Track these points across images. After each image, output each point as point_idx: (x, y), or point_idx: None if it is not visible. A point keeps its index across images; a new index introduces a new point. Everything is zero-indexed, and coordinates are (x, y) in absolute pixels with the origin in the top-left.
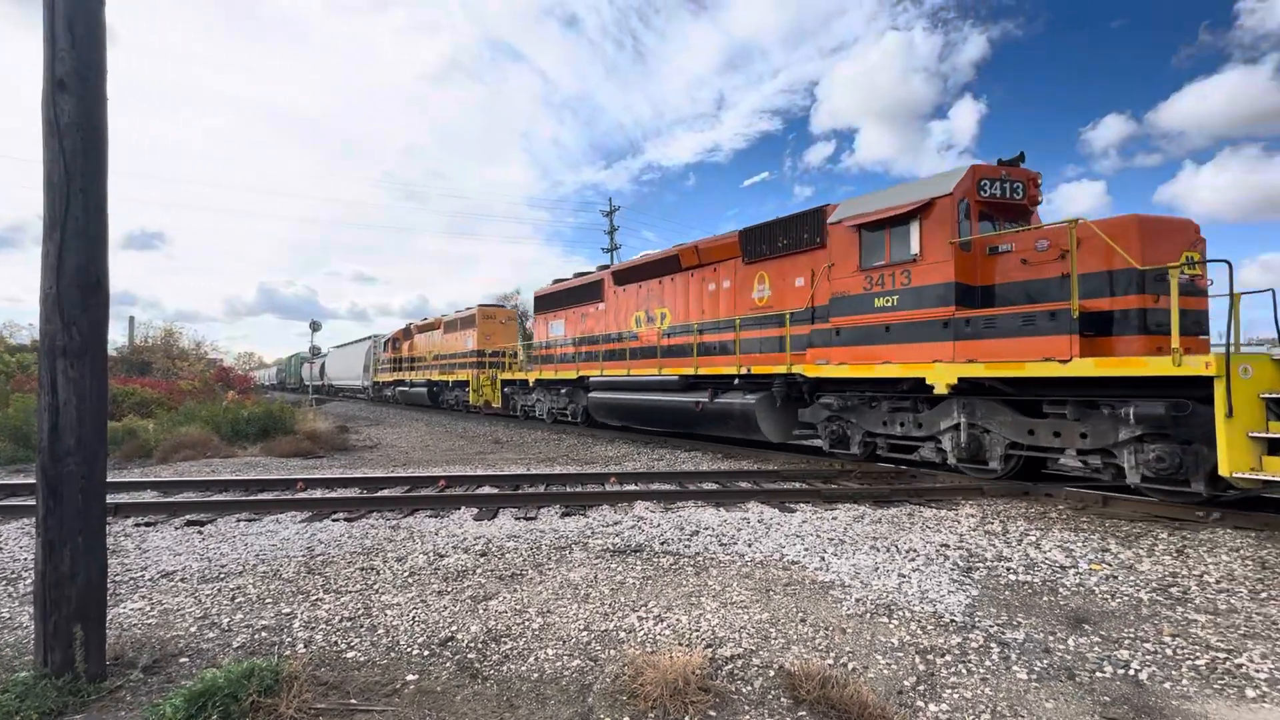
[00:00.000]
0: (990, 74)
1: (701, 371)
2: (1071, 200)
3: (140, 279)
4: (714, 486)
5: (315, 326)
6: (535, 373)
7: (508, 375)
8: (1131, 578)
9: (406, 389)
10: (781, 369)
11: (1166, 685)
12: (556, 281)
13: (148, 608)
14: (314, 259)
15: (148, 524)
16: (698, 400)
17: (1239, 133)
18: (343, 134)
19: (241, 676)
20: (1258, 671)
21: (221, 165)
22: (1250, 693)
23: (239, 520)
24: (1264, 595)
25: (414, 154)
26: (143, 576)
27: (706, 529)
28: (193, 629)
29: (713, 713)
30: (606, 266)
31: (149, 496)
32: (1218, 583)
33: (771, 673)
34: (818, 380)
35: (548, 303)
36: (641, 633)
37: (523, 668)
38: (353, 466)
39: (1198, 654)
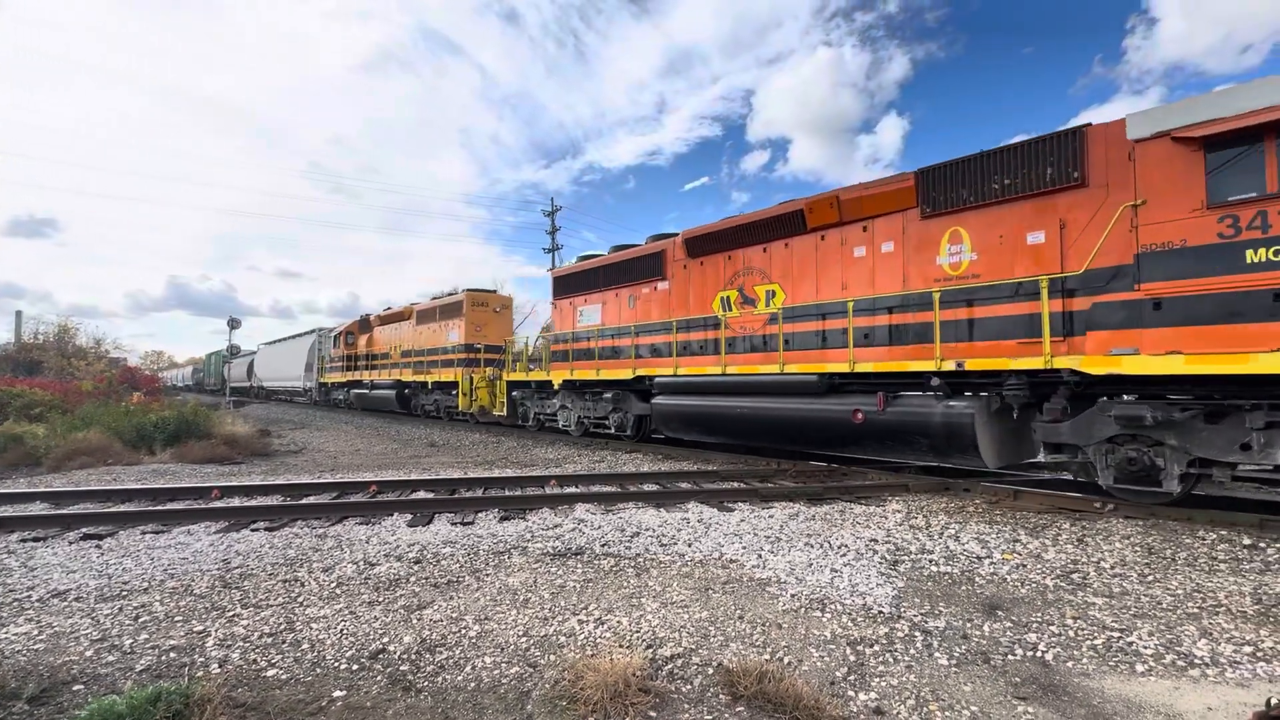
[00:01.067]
0: (913, 92)
1: (866, 368)
2: None
3: (28, 270)
4: (654, 488)
5: (234, 324)
6: (561, 372)
7: (517, 376)
8: (1039, 566)
9: (365, 391)
10: (1031, 362)
11: (1069, 664)
12: (585, 258)
13: (35, 631)
14: (232, 252)
15: (36, 539)
16: (856, 408)
17: None
18: (264, 121)
19: (146, 702)
20: (1146, 648)
21: (127, 150)
22: (1140, 667)
23: (144, 532)
24: (1150, 578)
25: (343, 145)
26: (29, 597)
27: (647, 530)
28: (89, 653)
29: (653, 713)
30: (666, 235)
31: (38, 509)
32: (1112, 568)
33: (710, 670)
34: (1099, 379)
35: (575, 284)
36: (582, 636)
37: (459, 678)
38: (275, 473)
39: (1095, 634)
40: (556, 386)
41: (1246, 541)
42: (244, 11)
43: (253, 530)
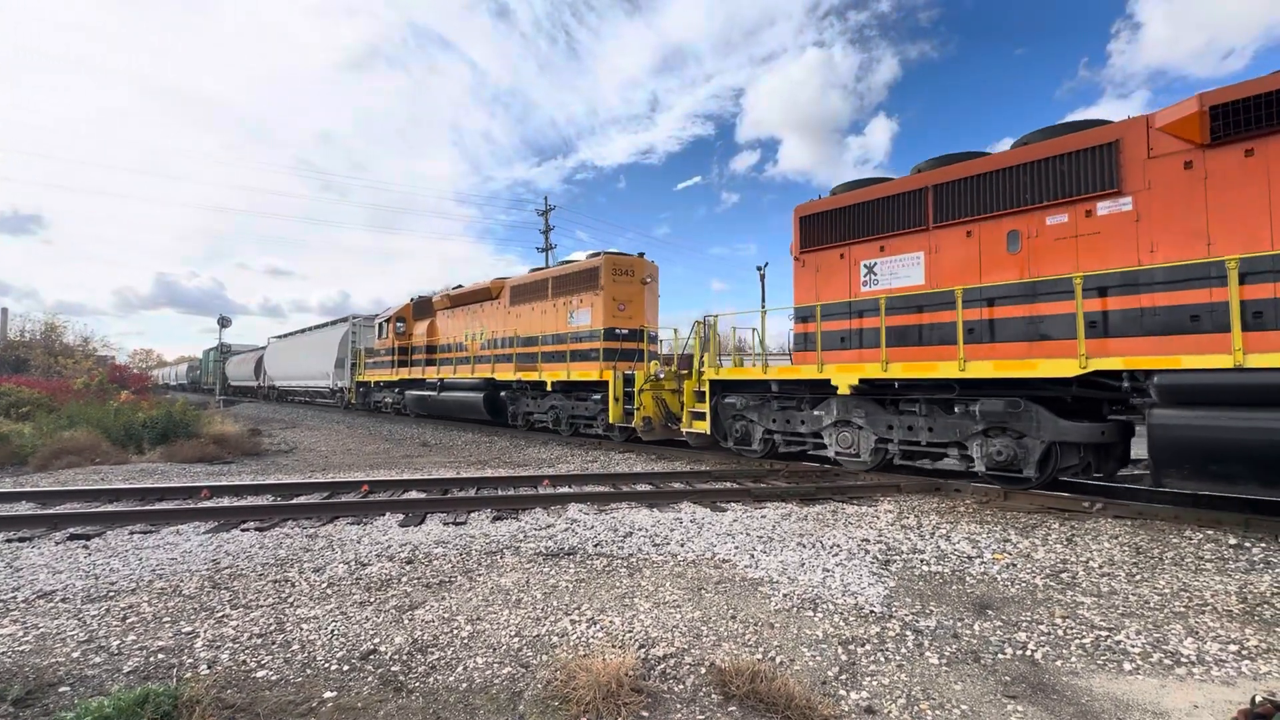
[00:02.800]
0: (903, 94)
1: None
2: None
3: (14, 266)
4: (648, 488)
5: (224, 322)
6: (853, 368)
7: (737, 373)
8: (1029, 565)
9: (430, 394)
10: None
11: (1058, 663)
12: (869, 184)
13: (20, 632)
14: (221, 250)
15: (22, 539)
16: None
17: None
18: (249, 117)
19: (134, 704)
20: (1133, 646)
21: (113, 145)
22: (1127, 666)
23: (132, 532)
24: (1138, 577)
25: (332, 142)
26: (14, 598)
27: (640, 530)
28: (75, 654)
29: (645, 713)
30: (1095, 122)
31: (24, 508)
32: (1100, 567)
33: (703, 670)
34: None
35: (860, 222)
36: (574, 636)
37: (450, 678)
38: (266, 472)
39: (1084, 633)
40: (846, 389)
41: (1232, 541)
42: (226, 5)
43: (243, 530)
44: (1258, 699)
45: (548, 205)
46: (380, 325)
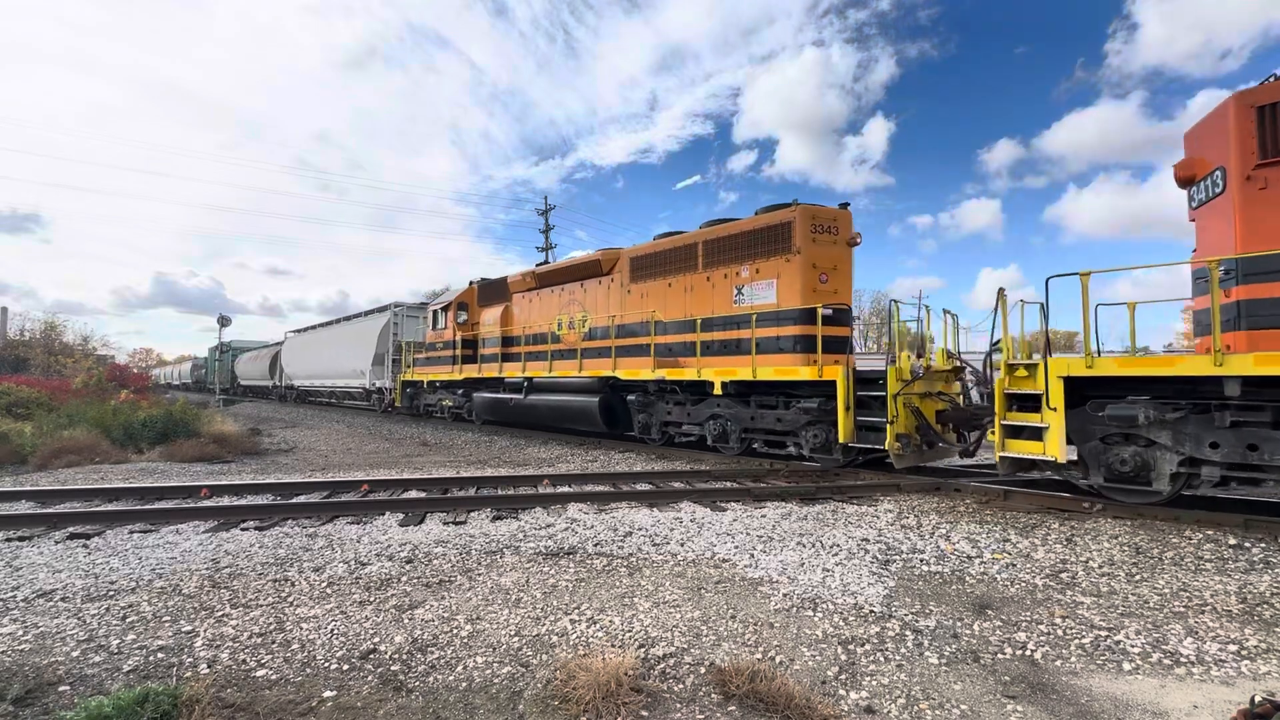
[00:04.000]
0: (902, 94)
1: None
2: (972, 216)
3: (12, 266)
4: (647, 487)
5: (224, 321)
6: None
7: (1174, 365)
8: (1029, 565)
9: (512, 396)
10: None
11: (1057, 663)
12: None
13: (20, 631)
14: (220, 249)
15: (22, 538)
16: None
17: (1112, 160)
18: (246, 115)
19: (133, 703)
20: (1133, 646)
21: (110, 143)
22: (1127, 666)
23: (132, 532)
24: (1138, 577)
25: (329, 141)
26: (14, 597)
27: (640, 529)
28: (75, 653)
29: (645, 713)
30: None
31: (24, 508)
32: (1100, 567)
33: (703, 670)
34: None
35: None
36: (574, 636)
37: (450, 678)
38: (265, 471)
39: (1083, 633)
40: None
41: (1232, 541)
42: (220, 2)
43: (242, 529)
44: (1257, 699)
45: (548, 205)
46: (434, 314)
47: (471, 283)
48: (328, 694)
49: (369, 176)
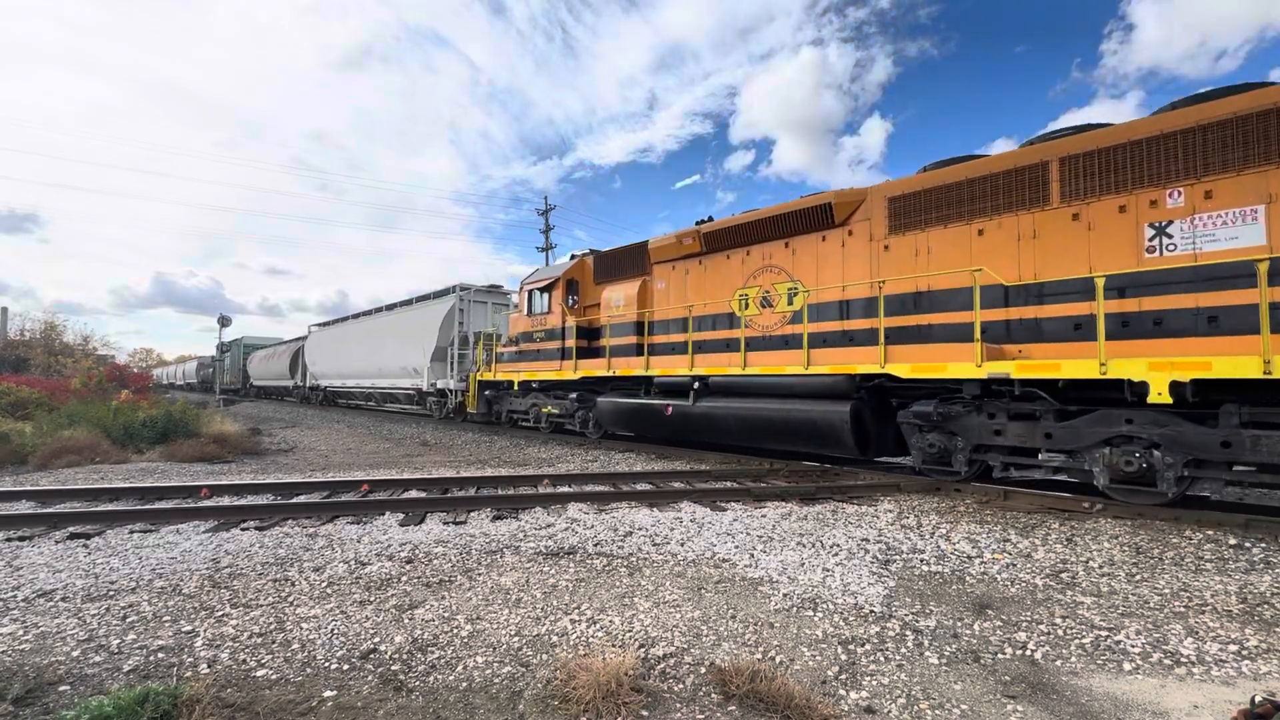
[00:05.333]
0: (900, 94)
1: None
2: None
3: (11, 266)
4: (647, 487)
5: (224, 321)
6: None
7: None
8: (1029, 565)
9: (675, 403)
10: None
11: (1058, 663)
12: None
13: (20, 631)
14: (219, 249)
15: (22, 538)
16: None
17: None
18: (247, 115)
19: (134, 703)
20: (1133, 646)
21: (109, 143)
22: (1127, 666)
23: (132, 531)
24: (1138, 577)
25: (328, 140)
26: (14, 597)
27: (640, 529)
28: (75, 653)
29: (645, 712)
30: None
31: (24, 507)
32: (1100, 567)
33: (703, 670)
34: None
35: None
36: (574, 636)
37: (450, 677)
38: (266, 471)
39: (1084, 633)
40: None
41: (1232, 541)
42: (220, 1)
43: (242, 529)
44: (1257, 699)
45: (548, 205)
46: (530, 295)
47: (576, 254)
48: (328, 694)
49: (368, 176)
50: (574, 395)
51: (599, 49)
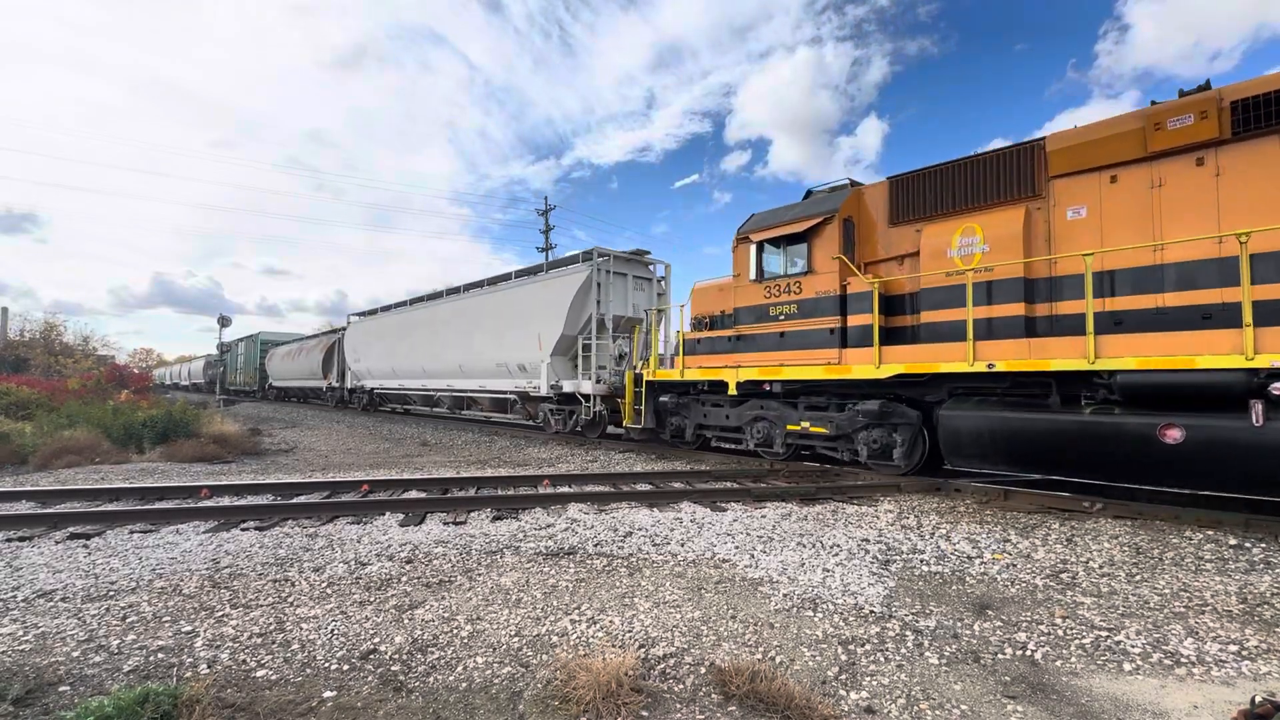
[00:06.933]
0: (897, 94)
1: None
2: None
3: (10, 266)
4: (648, 487)
5: (224, 321)
6: None
7: None
8: (1029, 565)
9: (1128, 422)
10: None
11: (1058, 663)
12: None
13: (20, 631)
14: (218, 249)
15: (22, 538)
16: None
17: None
18: (247, 114)
19: (134, 703)
20: (1133, 647)
21: (109, 142)
22: (1127, 666)
23: (132, 532)
24: (1139, 578)
25: (326, 139)
26: (14, 597)
27: (640, 529)
28: (75, 653)
29: (645, 713)
30: None
31: (24, 508)
32: (1100, 568)
33: (703, 670)
34: None
35: None
36: (574, 636)
37: (450, 678)
38: (265, 472)
39: (1084, 633)
40: None
41: (1232, 541)
42: (219, 1)
43: (242, 530)
44: (1257, 699)
45: (548, 205)
46: (760, 250)
47: (846, 183)
48: (328, 694)
49: (366, 176)
50: (872, 405)
51: (597, 47)
